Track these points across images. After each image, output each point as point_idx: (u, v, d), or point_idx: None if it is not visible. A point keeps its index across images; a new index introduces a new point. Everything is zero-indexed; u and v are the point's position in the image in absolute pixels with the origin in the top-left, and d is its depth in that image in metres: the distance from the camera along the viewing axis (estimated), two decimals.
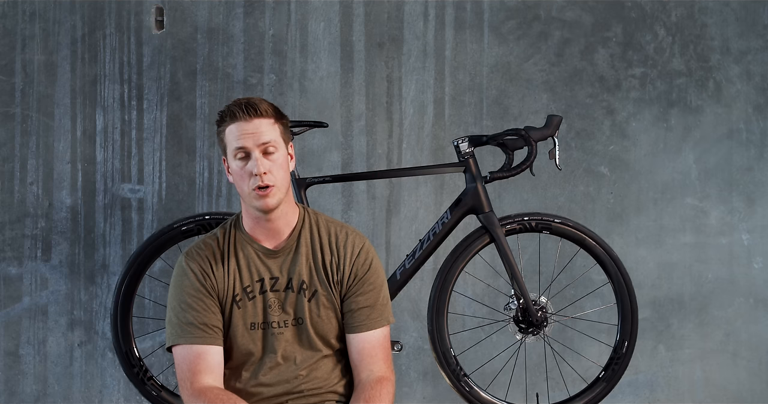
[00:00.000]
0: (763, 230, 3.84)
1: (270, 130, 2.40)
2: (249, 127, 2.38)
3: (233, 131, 2.40)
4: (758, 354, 3.84)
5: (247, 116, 2.38)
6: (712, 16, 3.83)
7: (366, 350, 2.48)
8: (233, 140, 2.40)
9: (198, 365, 2.40)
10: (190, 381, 2.39)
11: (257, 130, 2.38)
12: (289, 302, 2.47)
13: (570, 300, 3.61)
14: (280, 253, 2.48)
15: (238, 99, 2.43)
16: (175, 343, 2.44)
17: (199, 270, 2.45)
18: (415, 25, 3.76)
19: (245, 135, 2.38)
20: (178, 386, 2.43)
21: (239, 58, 3.72)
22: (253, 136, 2.38)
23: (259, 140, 2.38)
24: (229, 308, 2.46)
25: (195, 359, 2.41)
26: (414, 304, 3.73)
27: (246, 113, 2.38)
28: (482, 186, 3.18)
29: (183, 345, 2.42)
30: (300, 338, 2.48)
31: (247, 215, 2.49)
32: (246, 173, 2.39)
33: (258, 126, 2.39)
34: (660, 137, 3.82)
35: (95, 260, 3.70)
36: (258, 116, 2.39)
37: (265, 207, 2.40)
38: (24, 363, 3.70)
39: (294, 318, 2.47)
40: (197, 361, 2.41)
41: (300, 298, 2.47)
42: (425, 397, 3.75)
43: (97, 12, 3.70)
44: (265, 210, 2.41)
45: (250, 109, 2.39)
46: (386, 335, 2.51)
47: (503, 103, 3.78)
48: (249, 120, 2.39)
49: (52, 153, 3.70)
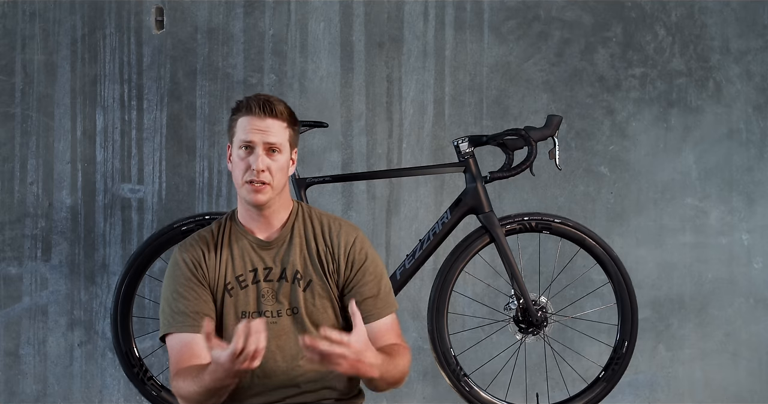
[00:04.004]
0: (763, 230, 3.84)
1: (280, 132, 2.43)
2: (261, 124, 2.41)
3: (244, 123, 2.43)
4: (758, 354, 3.84)
5: (262, 114, 2.41)
6: (712, 16, 3.83)
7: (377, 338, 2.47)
8: (242, 132, 2.43)
9: (186, 353, 2.40)
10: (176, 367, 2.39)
11: (268, 129, 2.41)
12: (283, 292, 2.47)
13: (570, 300, 3.61)
14: (273, 244, 2.49)
15: (259, 94, 2.46)
16: (167, 332, 2.44)
17: (191, 260, 2.47)
18: (415, 25, 3.76)
19: (255, 130, 2.41)
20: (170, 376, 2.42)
21: (239, 58, 3.72)
22: (261, 133, 2.41)
23: (267, 138, 2.41)
24: (221, 297, 2.47)
25: (183, 347, 2.41)
26: (414, 304, 3.73)
27: (262, 110, 2.41)
28: (482, 186, 3.18)
29: (174, 333, 2.42)
30: (295, 328, 2.48)
31: (241, 205, 2.52)
32: (244, 164, 2.42)
33: (269, 126, 2.42)
34: (660, 137, 3.82)
35: (95, 260, 3.70)
36: (272, 116, 2.42)
37: (255, 202, 2.44)
38: (24, 363, 3.70)
39: (289, 308, 2.48)
40: (185, 349, 2.41)
41: (294, 288, 2.48)
42: (425, 397, 3.75)
43: (97, 12, 3.70)
44: (254, 204, 2.45)
45: (267, 107, 2.42)
46: (394, 320, 2.52)
47: (503, 103, 3.78)
48: (263, 118, 2.42)
49: (52, 153, 3.70)
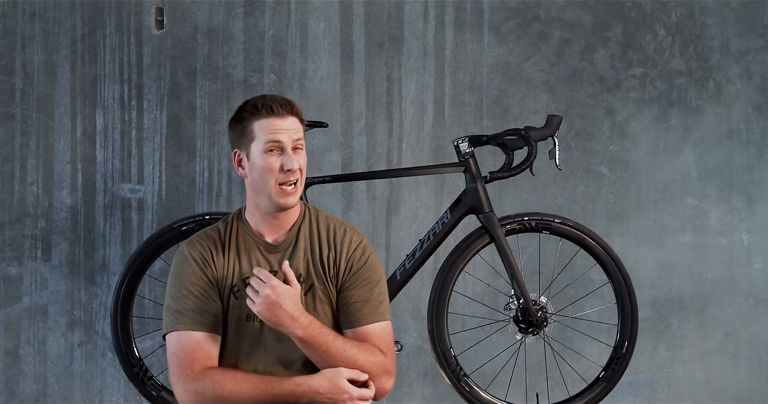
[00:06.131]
0: (763, 230, 3.84)
1: (300, 129, 2.44)
2: (284, 123, 2.40)
3: (265, 125, 2.40)
4: (758, 354, 3.84)
5: (285, 113, 2.41)
6: (712, 16, 3.83)
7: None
8: (265, 134, 2.40)
9: (197, 352, 2.37)
10: (190, 367, 2.35)
11: (291, 127, 2.41)
12: None
13: (570, 300, 3.61)
14: (279, 247, 2.48)
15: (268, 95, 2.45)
16: (173, 329, 2.40)
17: (200, 258, 2.45)
18: (415, 25, 3.76)
19: (281, 131, 2.40)
20: (170, 373, 2.38)
21: (239, 58, 3.72)
22: (288, 132, 2.40)
23: (293, 136, 2.41)
24: (227, 298, 2.45)
25: (194, 346, 2.38)
26: (414, 304, 3.73)
27: (284, 109, 2.41)
28: (482, 186, 3.18)
29: (181, 331, 2.39)
30: None
31: (255, 209, 2.48)
32: (276, 168, 2.40)
33: (292, 124, 2.42)
34: (660, 137, 3.82)
35: (95, 260, 3.70)
36: (293, 114, 2.43)
37: (287, 205, 2.42)
38: (24, 363, 3.70)
39: None
40: (196, 348, 2.38)
41: None
42: (425, 397, 3.75)
43: (97, 12, 3.70)
44: (285, 207, 2.43)
45: (287, 106, 2.42)
46: (384, 328, 2.46)
47: (503, 103, 3.78)
48: (285, 117, 2.41)
49: (52, 153, 3.70)
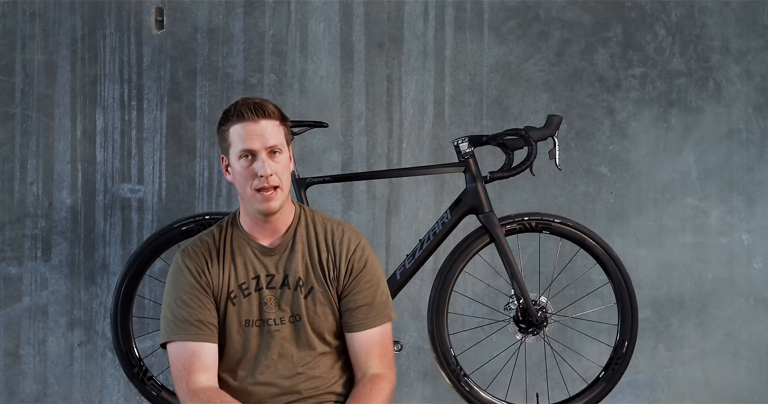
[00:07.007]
0: (763, 230, 3.84)
1: (277, 132, 2.39)
2: (256, 128, 2.37)
3: (239, 131, 2.37)
4: (758, 354, 3.84)
5: (255, 117, 2.37)
6: (712, 16, 3.83)
7: (363, 349, 2.48)
8: (239, 141, 2.38)
9: (193, 363, 2.40)
10: (186, 380, 2.40)
11: (264, 131, 2.37)
12: (285, 299, 2.47)
13: (570, 300, 3.61)
14: (276, 251, 2.48)
15: (244, 98, 2.41)
16: (169, 339, 2.44)
17: (194, 267, 2.46)
18: (415, 25, 3.76)
19: (253, 136, 2.36)
20: (174, 383, 2.44)
21: (239, 58, 3.72)
22: (260, 137, 2.37)
23: (267, 142, 2.37)
24: (224, 305, 2.46)
25: (190, 357, 2.41)
26: (414, 304, 3.73)
27: (254, 114, 2.36)
28: (482, 186, 3.18)
29: (177, 341, 2.42)
30: (297, 335, 2.48)
31: (246, 214, 2.48)
32: (250, 174, 2.38)
33: (265, 128, 2.37)
34: (660, 137, 3.82)
35: (95, 260, 3.70)
36: (266, 117, 2.38)
37: (268, 210, 2.40)
38: (24, 363, 3.70)
39: (291, 315, 2.47)
40: (192, 359, 2.41)
41: (296, 295, 2.47)
42: (425, 397, 3.75)
43: (97, 12, 3.70)
44: (267, 213, 2.41)
45: (259, 110, 2.37)
46: (385, 332, 2.50)
47: (503, 103, 3.78)
48: (256, 121, 2.37)
49: (52, 153, 3.70)
